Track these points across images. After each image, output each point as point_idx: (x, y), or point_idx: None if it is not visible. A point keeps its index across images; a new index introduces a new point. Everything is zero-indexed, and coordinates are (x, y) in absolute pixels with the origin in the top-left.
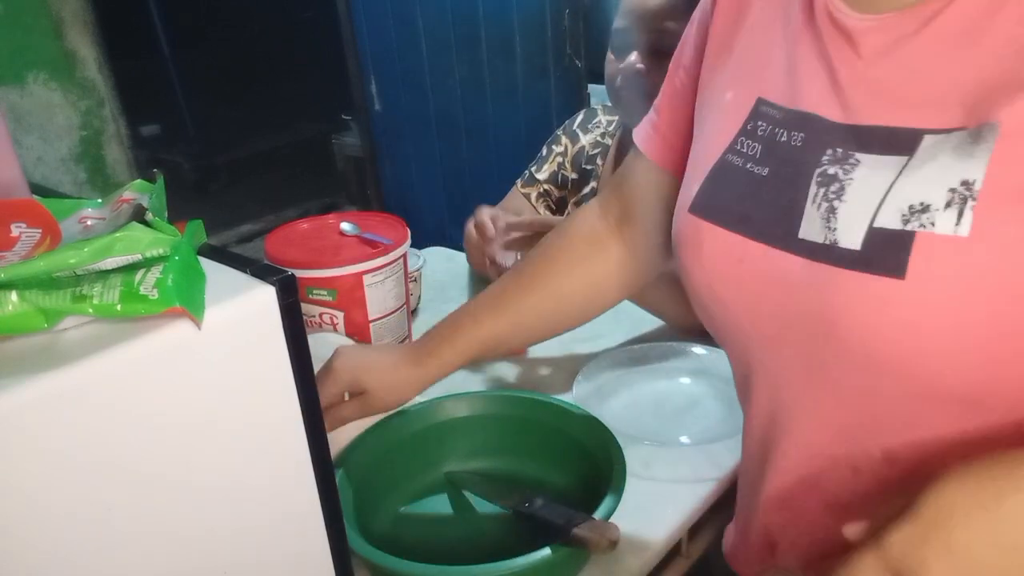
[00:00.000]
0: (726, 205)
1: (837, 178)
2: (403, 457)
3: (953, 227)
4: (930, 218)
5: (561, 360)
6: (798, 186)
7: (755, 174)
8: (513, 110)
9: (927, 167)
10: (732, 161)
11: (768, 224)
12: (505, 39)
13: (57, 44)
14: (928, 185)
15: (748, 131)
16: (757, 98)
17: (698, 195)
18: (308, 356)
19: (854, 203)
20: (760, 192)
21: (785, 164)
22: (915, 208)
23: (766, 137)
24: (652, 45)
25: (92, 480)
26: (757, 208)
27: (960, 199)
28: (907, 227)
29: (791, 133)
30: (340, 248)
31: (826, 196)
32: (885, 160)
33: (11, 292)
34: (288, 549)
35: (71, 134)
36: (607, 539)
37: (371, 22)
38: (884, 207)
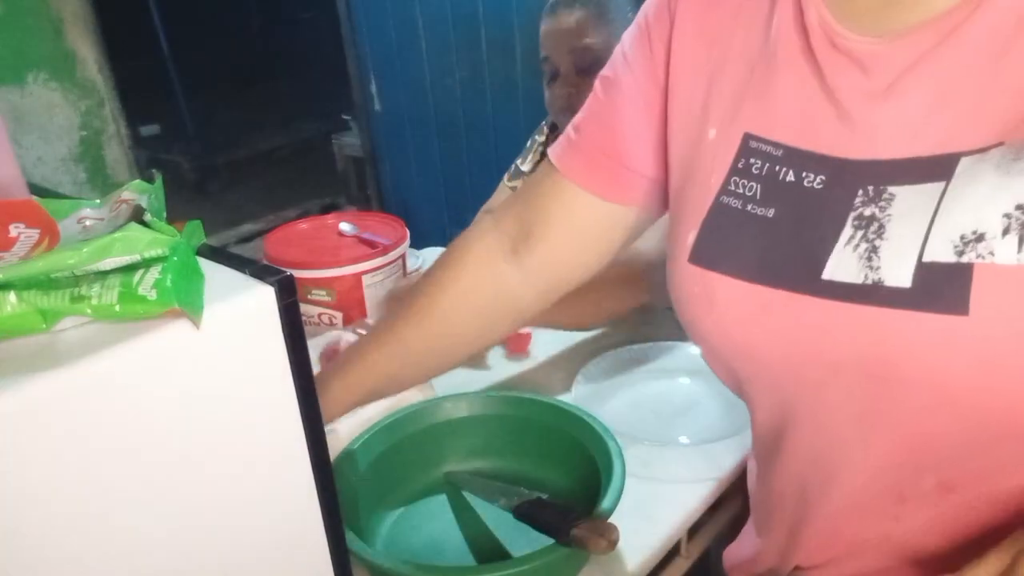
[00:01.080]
0: (733, 252)
1: (875, 218)
2: (403, 457)
3: (1015, 256)
4: (988, 247)
5: (561, 360)
6: (822, 229)
7: (760, 216)
8: (513, 110)
9: (970, 191)
10: (729, 204)
11: (788, 268)
12: (505, 39)
13: (57, 44)
14: (977, 211)
15: (740, 170)
16: (744, 133)
17: (697, 244)
18: (307, 356)
19: (896, 239)
20: (772, 236)
21: (801, 207)
22: (967, 238)
23: (764, 176)
24: (575, 65)
25: (91, 481)
26: (772, 253)
27: (1019, 224)
28: (963, 259)
29: (803, 174)
30: (339, 248)
31: (866, 237)
32: (921, 189)
33: (9, 293)
34: (287, 549)
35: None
36: (606, 539)
37: (371, 22)
38: (931, 239)
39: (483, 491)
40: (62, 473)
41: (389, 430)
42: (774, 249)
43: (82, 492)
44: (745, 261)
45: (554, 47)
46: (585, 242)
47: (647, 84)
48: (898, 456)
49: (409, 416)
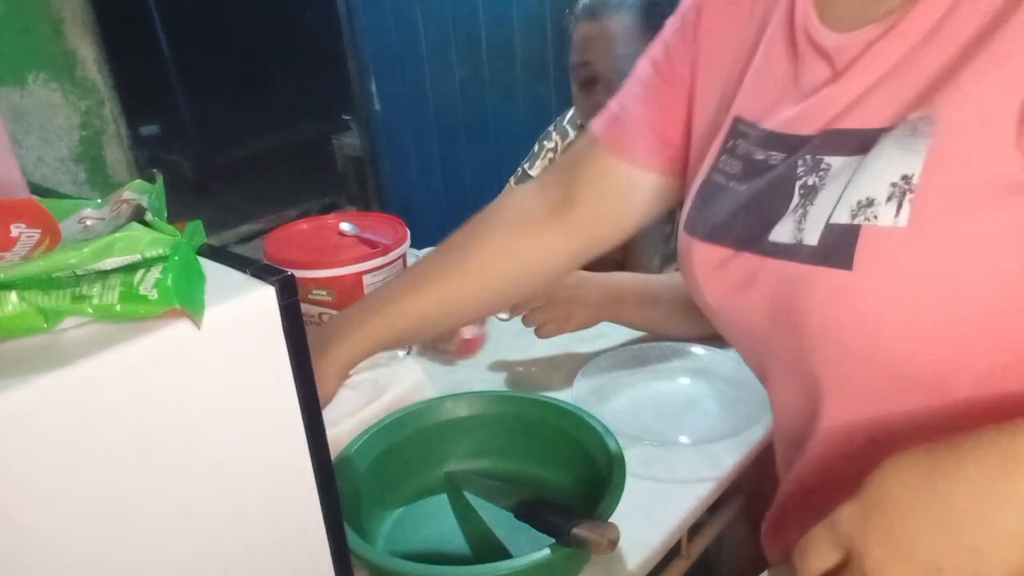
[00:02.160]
0: (710, 220)
1: (815, 187)
2: (403, 457)
3: (893, 219)
4: (874, 211)
5: (561, 360)
6: (777, 199)
7: (736, 192)
8: (513, 110)
9: (875, 163)
10: (716, 180)
11: (744, 232)
12: (505, 39)
13: (57, 44)
14: (874, 181)
15: (728, 149)
16: (734, 117)
17: (688, 213)
18: (308, 356)
19: (820, 204)
20: (739, 206)
21: (764, 181)
22: (862, 203)
23: (743, 156)
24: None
25: (91, 480)
26: (737, 221)
27: (900, 192)
28: (854, 221)
29: (768, 152)
30: (339, 248)
31: (803, 204)
32: (848, 160)
33: (11, 292)
34: (288, 549)
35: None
36: (607, 539)
37: (371, 22)
38: (839, 205)
39: (483, 491)
40: (63, 473)
41: (389, 430)
42: (738, 217)
43: (83, 492)
44: (714, 227)
45: (598, 52)
46: (622, 208)
47: (682, 68)
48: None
49: (409, 416)
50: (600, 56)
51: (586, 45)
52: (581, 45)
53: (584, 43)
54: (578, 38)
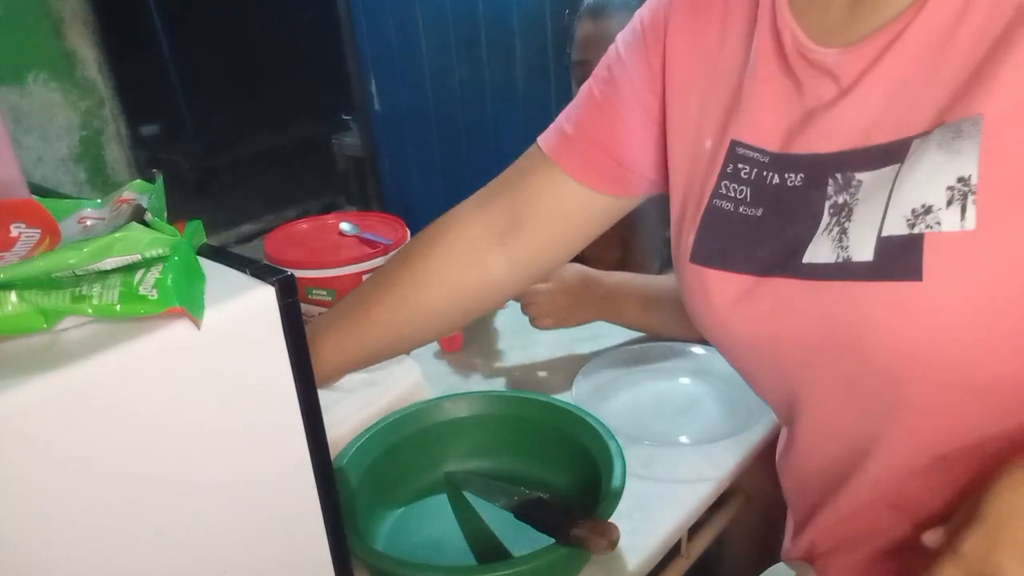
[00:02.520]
0: (726, 249)
1: (847, 204)
2: (403, 457)
3: (959, 223)
4: (935, 218)
5: (561, 360)
6: (803, 220)
7: (750, 216)
8: (513, 110)
9: (918, 169)
10: (721, 206)
11: (772, 257)
12: (505, 39)
13: (57, 44)
14: (925, 187)
15: (729, 174)
16: (731, 140)
17: (695, 245)
18: (308, 356)
19: (861, 220)
20: (760, 232)
21: (783, 203)
22: (918, 211)
23: (753, 180)
24: None
25: (91, 481)
26: (759, 246)
27: (960, 195)
28: (914, 230)
29: (785, 175)
30: (340, 248)
31: (838, 222)
32: (881, 173)
33: (10, 292)
34: (288, 549)
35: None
36: (607, 539)
37: (371, 22)
38: (888, 216)
39: (483, 491)
40: (62, 473)
41: (389, 430)
42: (761, 243)
43: (82, 491)
44: (734, 255)
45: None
46: (574, 231)
47: (645, 93)
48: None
49: (409, 416)
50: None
51: (587, 44)
52: (582, 44)
53: (585, 42)
54: (580, 37)
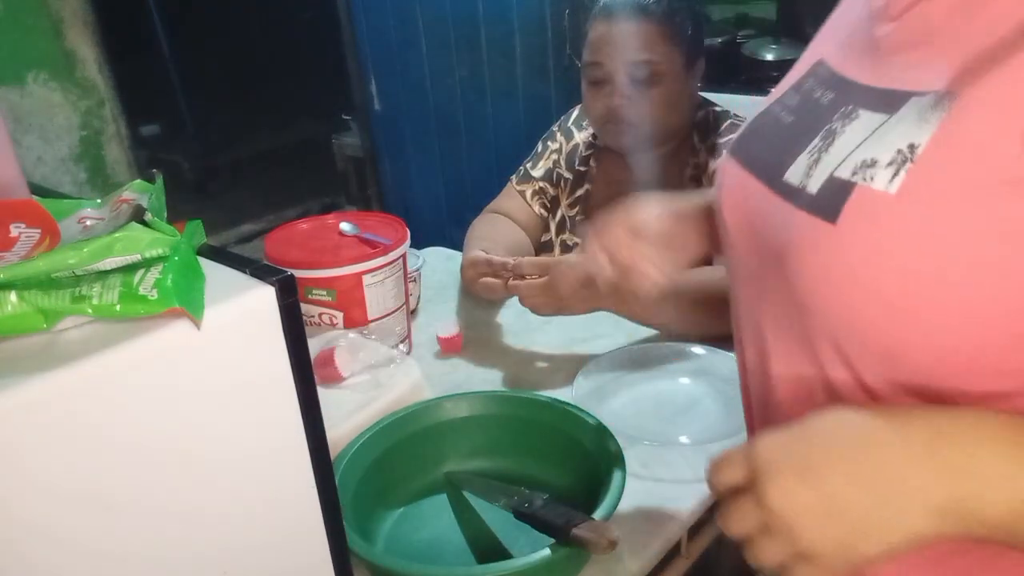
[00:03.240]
0: (752, 148)
1: (835, 133)
2: (403, 457)
3: (886, 184)
4: (872, 173)
5: (561, 360)
6: (806, 138)
7: (783, 123)
8: (513, 110)
9: (894, 127)
10: (773, 110)
11: (772, 166)
12: (505, 39)
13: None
14: (884, 143)
15: (796, 85)
16: (819, 59)
17: (737, 138)
18: (308, 356)
19: (832, 154)
20: (779, 137)
21: (806, 117)
22: (867, 163)
23: (806, 92)
24: (631, 76)
25: (92, 480)
26: (769, 151)
27: (901, 159)
28: (853, 178)
29: (825, 92)
30: (340, 248)
31: (820, 148)
32: (873, 117)
33: (10, 292)
34: (288, 549)
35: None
36: (606, 539)
37: (371, 22)
38: (847, 159)
39: (483, 491)
40: (62, 472)
41: (389, 430)
42: (774, 150)
43: (82, 491)
44: (754, 155)
45: (610, 53)
46: None
47: None
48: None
49: (409, 416)
50: (612, 57)
51: (599, 45)
52: (595, 45)
53: (598, 43)
54: (592, 37)
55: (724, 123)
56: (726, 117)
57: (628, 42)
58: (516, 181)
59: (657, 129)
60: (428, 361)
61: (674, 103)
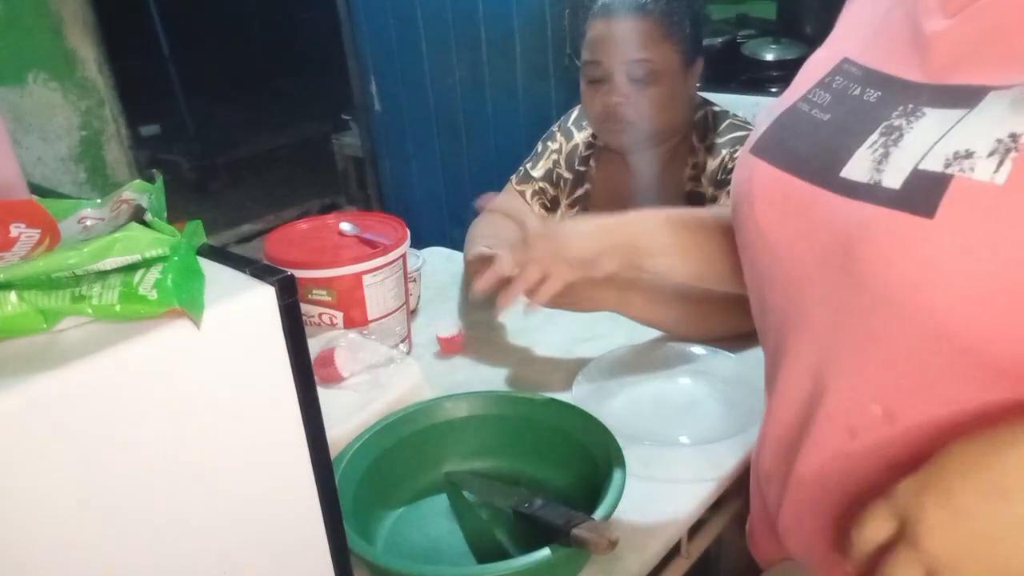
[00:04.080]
0: (782, 145)
1: (900, 128)
2: (403, 457)
3: (991, 174)
4: (971, 164)
5: (561, 360)
6: (857, 133)
7: (817, 120)
8: (513, 110)
9: (981, 118)
10: (800, 108)
11: (816, 163)
12: (505, 39)
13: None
14: (977, 134)
15: (824, 83)
16: (843, 57)
17: (761, 136)
18: (308, 356)
19: (907, 149)
20: (816, 135)
21: (850, 114)
22: (960, 154)
23: (839, 90)
24: (629, 75)
25: (91, 481)
26: (809, 149)
27: (1004, 149)
28: (948, 171)
29: (866, 89)
30: (340, 248)
31: (884, 143)
32: (948, 113)
33: (10, 293)
34: (288, 549)
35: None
36: (606, 539)
37: (371, 22)
38: (932, 153)
39: (483, 491)
40: (62, 473)
41: (389, 430)
42: (813, 147)
43: (82, 492)
44: (786, 153)
45: (608, 51)
46: None
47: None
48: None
49: (409, 416)
50: (610, 55)
51: (598, 44)
52: (593, 43)
53: (596, 41)
54: (591, 36)
55: (723, 123)
56: (725, 117)
57: (626, 40)
58: (516, 181)
59: (655, 128)
60: (428, 361)
61: (672, 102)
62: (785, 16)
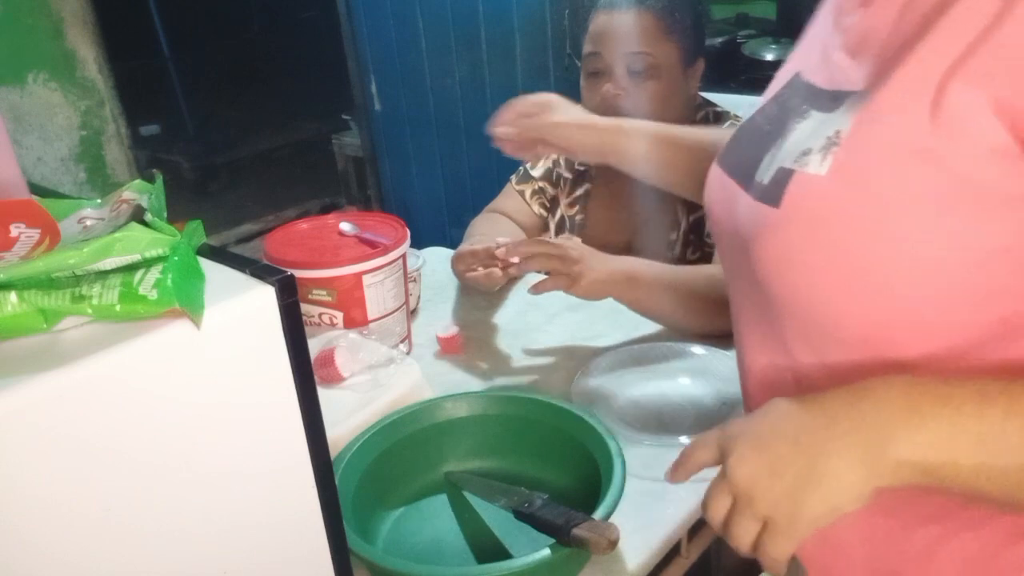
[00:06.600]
0: (735, 155)
1: (789, 130)
2: (403, 457)
3: (818, 166)
4: (807, 160)
5: (561, 360)
6: (775, 138)
7: (762, 130)
8: None
9: (827, 120)
10: (755, 120)
11: (745, 167)
12: (505, 39)
13: (57, 44)
14: (819, 134)
15: (776, 97)
16: (795, 73)
17: (724, 148)
18: (307, 356)
19: (783, 150)
20: (754, 144)
21: (780, 122)
22: (804, 151)
23: (783, 102)
24: (628, 68)
25: (92, 480)
26: (746, 156)
27: (830, 144)
28: (793, 166)
29: (794, 99)
30: (340, 248)
31: (778, 146)
32: (821, 116)
33: (10, 293)
34: (288, 549)
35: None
36: (607, 539)
37: (371, 22)
38: (791, 152)
39: (483, 491)
40: (62, 472)
41: (389, 430)
42: (750, 153)
43: (82, 491)
44: (733, 160)
45: (609, 46)
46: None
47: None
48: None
49: (409, 416)
50: (610, 48)
51: (598, 36)
52: (594, 36)
53: (597, 34)
54: (592, 29)
55: (724, 124)
56: (726, 117)
57: (627, 33)
58: (516, 181)
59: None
60: (428, 361)
61: (670, 99)
62: (785, 16)
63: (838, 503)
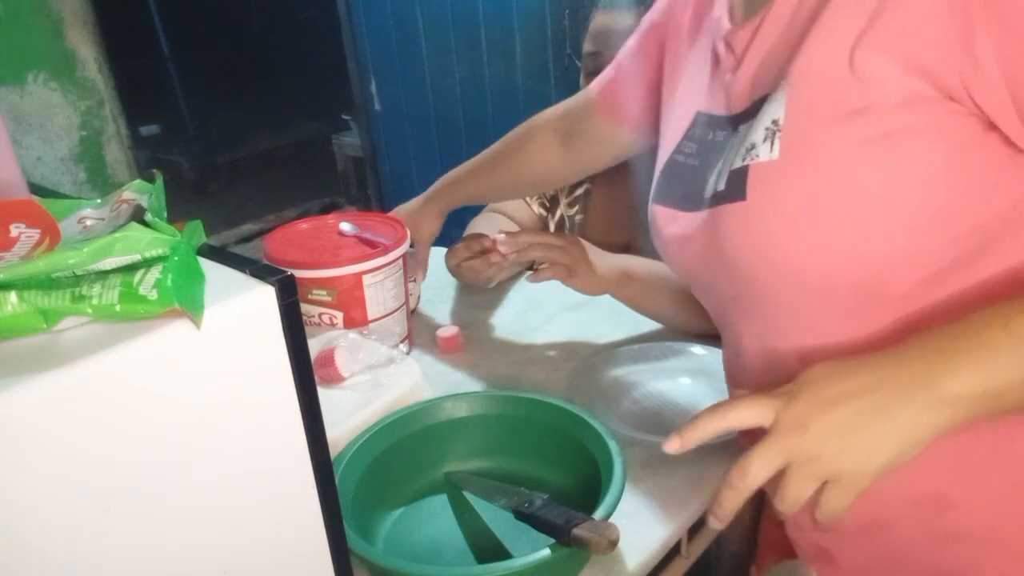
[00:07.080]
0: (672, 190)
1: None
2: (403, 457)
3: (769, 153)
4: (756, 152)
5: (561, 360)
6: (712, 163)
7: (691, 165)
8: (513, 110)
9: (760, 119)
10: (677, 159)
11: (691, 196)
12: (505, 39)
13: (57, 44)
14: (758, 131)
15: (688, 135)
16: (697, 111)
17: (655, 188)
18: (308, 356)
19: (726, 160)
20: (693, 176)
21: (709, 153)
22: (749, 148)
23: (699, 138)
24: None
25: (91, 480)
26: (690, 188)
27: (771, 133)
28: (744, 162)
29: (716, 132)
30: (339, 248)
31: (722, 162)
32: (748, 124)
33: (10, 293)
34: (288, 549)
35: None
36: (607, 539)
37: (371, 22)
38: (737, 155)
39: (483, 491)
40: (62, 473)
41: (389, 430)
42: (692, 186)
43: (82, 491)
44: (676, 196)
45: (609, 43)
46: (605, 153)
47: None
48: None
49: (409, 416)
50: (610, 46)
51: (599, 35)
52: (595, 35)
53: (598, 33)
54: (593, 27)
55: None
56: None
57: (627, 32)
58: None
59: None
60: (428, 361)
61: None
62: None
63: (905, 450)
